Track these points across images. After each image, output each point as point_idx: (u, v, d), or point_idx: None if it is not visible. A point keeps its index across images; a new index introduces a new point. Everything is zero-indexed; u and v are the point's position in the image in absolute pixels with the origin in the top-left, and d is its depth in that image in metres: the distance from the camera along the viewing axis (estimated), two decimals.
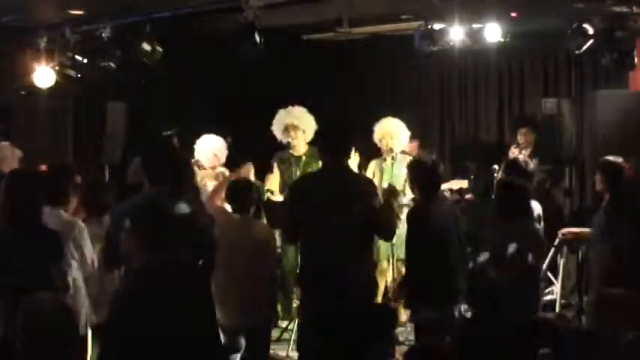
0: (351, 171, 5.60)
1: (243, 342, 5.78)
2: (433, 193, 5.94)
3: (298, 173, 7.40)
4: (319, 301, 5.22)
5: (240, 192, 5.85)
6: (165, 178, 4.94)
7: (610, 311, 5.71)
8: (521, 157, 9.09)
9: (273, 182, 7.66)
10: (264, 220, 6.75)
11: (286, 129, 7.55)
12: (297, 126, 7.54)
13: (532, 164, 8.98)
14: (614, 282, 5.89)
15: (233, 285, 5.52)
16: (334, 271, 5.13)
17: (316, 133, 7.41)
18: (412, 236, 5.92)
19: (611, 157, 6.34)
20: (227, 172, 7.61)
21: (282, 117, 7.61)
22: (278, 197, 7.53)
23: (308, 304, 5.35)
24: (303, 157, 7.56)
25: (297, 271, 5.86)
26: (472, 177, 9.19)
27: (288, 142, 7.57)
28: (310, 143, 7.56)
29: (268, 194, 7.57)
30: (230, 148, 7.61)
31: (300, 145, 7.58)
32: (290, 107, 7.64)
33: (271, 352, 6.35)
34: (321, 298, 5.19)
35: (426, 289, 5.69)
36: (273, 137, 7.72)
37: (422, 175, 5.99)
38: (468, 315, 5.12)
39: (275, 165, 7.69)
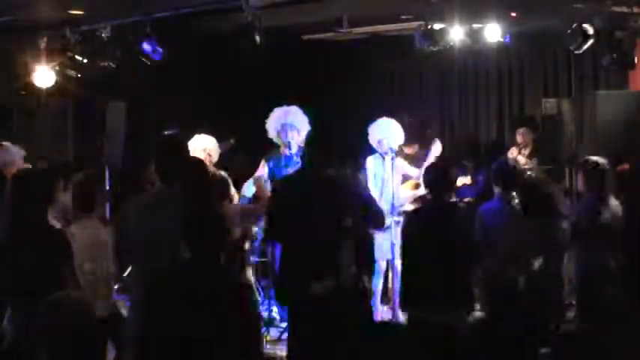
0: (333, 176, 5.55)
1: None
2: (441, 195, 5.92)
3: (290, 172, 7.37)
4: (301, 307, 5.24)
5: None
6: (177, 176, 4.95)
7: (602, 311, 5.72)
8: (511, 156, 9.10)
9: (256, 182, 7.61)
10: None
11: (283, 128, 7.53)
12: (294, 126, 7.53)
13: (523, 163, 8.97)
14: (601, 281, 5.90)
15: None
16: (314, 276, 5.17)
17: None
18: (413, 237, 5.92)
19: (592, 157, 6.32)
20: (224, 173, 7.60)
21: (279, 116, 7.57)
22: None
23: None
24: (294, 157, 7.54)
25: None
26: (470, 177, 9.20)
27: (289, 143, 7.54)
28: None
29: (253, 198, 7.54)
30: (234, 150, 7.63)
31: (295, 145, 7.55)
32: (286, 107, 7.61)
33: (271, 352, 6.36)
34: (302, 303, 5.21)
35: (423, 292, 5.68)
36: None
37: (431, 177, 6.00)
38: (479, 315, 5.12)
39: (264, 163, 7.63)
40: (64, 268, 4.68)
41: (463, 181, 8.92)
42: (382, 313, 7.71)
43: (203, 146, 7.60)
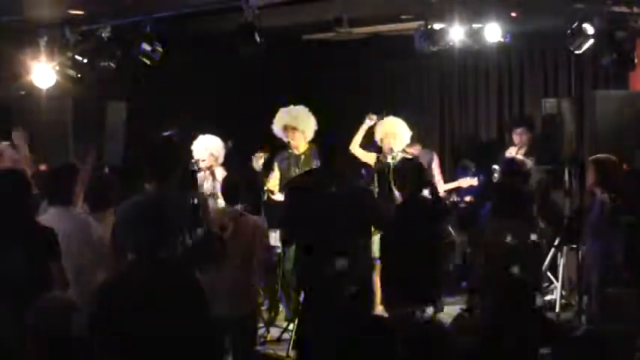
0: (345, 175, 5.61)
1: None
2: (415, 193, 5.96)
3: (298, 171, 7.42)
4: (318, 303, 5.27)
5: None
6: (169, 177, 4.95)
7: (612, 310, 5.73)
8: (509, 155, 9.09)
9: (272, 182, 7.68)
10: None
11: (285, 129, 7.58)
12: (295, 127, 7.56)
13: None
14: (611, 280, 5.91)
15: (223, 276, 5.49)
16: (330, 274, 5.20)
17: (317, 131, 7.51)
18: (387, 234, 5.95)
19: (603, 155, 6.34)
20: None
21: (282, 117, 7.63)
22: (278, 197, 7.55)
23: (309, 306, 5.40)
24: (303, 156, 7.58)
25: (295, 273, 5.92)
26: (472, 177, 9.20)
27: (289, 142, 7.60)
28: (311, 141, 7.61)
29: (268, 194, 7.59)
30: (232, 151, 7.64)
31: (300, 145, 7.61)
32: (291, 107, 7.65)
33: (271, 351, 6.36)
34: (320, 300, 5.24)
35: (399, 288, 5.70)
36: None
37: (407, 175, 6.02)
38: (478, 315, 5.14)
39: (276, 164, 7.72)
40: (52, 266, 4.67)
41: (469, 182, 8.92)
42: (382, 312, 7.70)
43: (207, 146, 7.63)
